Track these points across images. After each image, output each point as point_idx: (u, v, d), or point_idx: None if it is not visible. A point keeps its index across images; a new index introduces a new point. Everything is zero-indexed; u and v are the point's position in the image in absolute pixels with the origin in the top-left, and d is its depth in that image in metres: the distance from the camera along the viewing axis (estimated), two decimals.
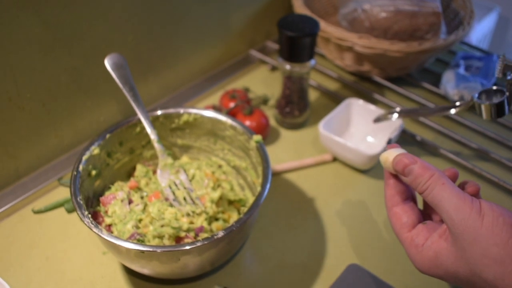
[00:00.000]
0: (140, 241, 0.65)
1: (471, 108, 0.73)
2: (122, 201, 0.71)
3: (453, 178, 0.54)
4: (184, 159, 0.80)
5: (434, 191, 0.48)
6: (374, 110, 0.89)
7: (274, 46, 1.14)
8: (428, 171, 0.49)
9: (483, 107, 0.71)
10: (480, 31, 1.76)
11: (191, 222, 0.68)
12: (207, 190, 0.72)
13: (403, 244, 0.53)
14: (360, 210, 0.80)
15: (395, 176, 0.55)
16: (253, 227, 0.77)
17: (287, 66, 0.87)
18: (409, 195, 0.55)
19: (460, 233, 0.46)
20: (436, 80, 1.03)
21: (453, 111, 0.77)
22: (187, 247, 0.58)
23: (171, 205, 0.70)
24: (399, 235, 0.53)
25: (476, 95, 0.72)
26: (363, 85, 1.04)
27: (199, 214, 0.69)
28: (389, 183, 0.55)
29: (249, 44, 1.13)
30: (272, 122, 0.96)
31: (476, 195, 0.52)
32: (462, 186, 0.53)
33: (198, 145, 0.82)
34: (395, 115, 0.84)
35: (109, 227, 0.69)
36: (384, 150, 0.82)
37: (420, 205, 0.57)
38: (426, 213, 0.56)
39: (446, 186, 0.48)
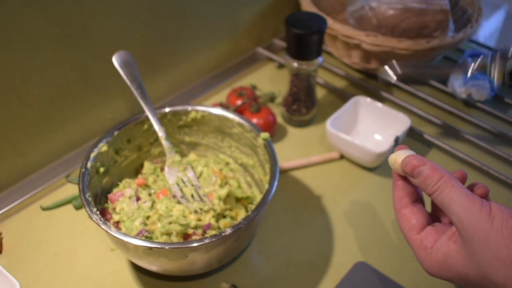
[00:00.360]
0: (148, 238, 0.65)
1: (483, 68, 0.70)
2: (130, 198, 0.71)
3: (462, 180, 0.53)
4: (192, 156, 0.81)
5: (443, 193, 0.48)
6: (382, 108, 0.89)
7: (282, 43, 1.14)
8: (438, 173, 0.49)
9: (495, 68, 0.69)
10: (487, 29, 1.75)
11: (199, 219, 0.68)
12: (214, 188, 0.72)
13: (411, 246, 0.52)
14: (367, 208, 0.80)
15: (404, 178, 0.54)
16: (260, 224, 0.77)
17: (295, 64, 0.87)
18: (417, 197, 0.55)
19: (469, 235, 0.46)
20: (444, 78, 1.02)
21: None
22: (195, 244, 0.58)
23: (179, 202, 0.70)
24: (407, 238, 0.53)
25: (490, 56, 0.69)
26: (370, 83, 1.04)
27: (206, 211, 0.69)
28: (397, 185, 0.55)
29: (256, 42, 1.13)
30: (279, 119, 0.96)
31: (485, 197, 0.51)
32: (471, 188, 0.53)
33: (205, 143, 0.82)
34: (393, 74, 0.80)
35: (117, 224, 0.69)
36: (392, 149, 0.82)
37: (428, 207, 0.56)
38: (435, 215, 0.56)
39: (456, 188, 0.48)
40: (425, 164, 0.50)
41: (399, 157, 0.53)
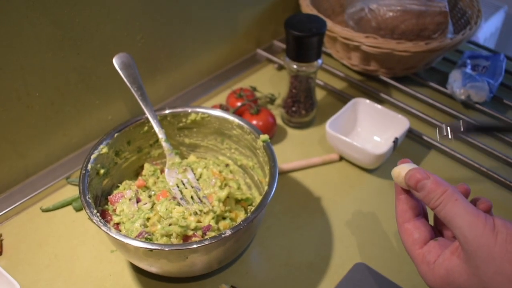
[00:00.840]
0: (148, 240, 0.65)
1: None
2: (130, 199, 0.71)
3: (465, 194, 0.53)
4: (192, 158, 0.81)
5: (447, 207, 0.47)
6: (381, 110, 0.89)
7: (281, 45, 1.14)
8: (441, 186, 0.48)
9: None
10: (487, 30, 1.75)
11: (199, 221, 0.68)
12: (214, 189, 0.72)
13: (414, 261, 0.52)
14: (366, 209, 0.80)
15: (407, 192, 0.54)
16: (260, 226, 0.77)
17: (294, 66, 0.87)
18: (420, 211, 0.54)
19: (473, 250, 0.45)
20: (443, 79, 1.03)
21: None
22: (195, 246, 0.59)
23: (179, 204, 0.70)
24: (410, 252, 0.53)
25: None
26: (369, 85, 1.04)
27: (206, 213, 0.69)
28: (400, 198, 0.54)
29: (256, 44, 1.13)
30: (279, 121, 0.96)
31: (488, 212, 0.51)
32: (474, 203, 0.52)
33: (205, 144, 0.82)
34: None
35: (117, 226, 0.69)
36: (391, 150, 0.82)
37: (431, 221, 0.56)
38: (437, 229, 0.55)
39: (459, 202, 0.47)
40: (428, 178, 0.50)
41: (402, 171, 0.52)
